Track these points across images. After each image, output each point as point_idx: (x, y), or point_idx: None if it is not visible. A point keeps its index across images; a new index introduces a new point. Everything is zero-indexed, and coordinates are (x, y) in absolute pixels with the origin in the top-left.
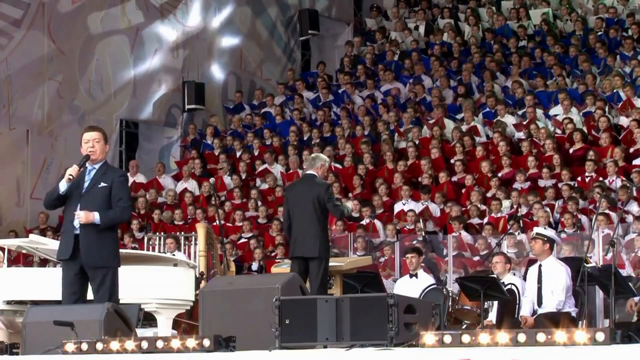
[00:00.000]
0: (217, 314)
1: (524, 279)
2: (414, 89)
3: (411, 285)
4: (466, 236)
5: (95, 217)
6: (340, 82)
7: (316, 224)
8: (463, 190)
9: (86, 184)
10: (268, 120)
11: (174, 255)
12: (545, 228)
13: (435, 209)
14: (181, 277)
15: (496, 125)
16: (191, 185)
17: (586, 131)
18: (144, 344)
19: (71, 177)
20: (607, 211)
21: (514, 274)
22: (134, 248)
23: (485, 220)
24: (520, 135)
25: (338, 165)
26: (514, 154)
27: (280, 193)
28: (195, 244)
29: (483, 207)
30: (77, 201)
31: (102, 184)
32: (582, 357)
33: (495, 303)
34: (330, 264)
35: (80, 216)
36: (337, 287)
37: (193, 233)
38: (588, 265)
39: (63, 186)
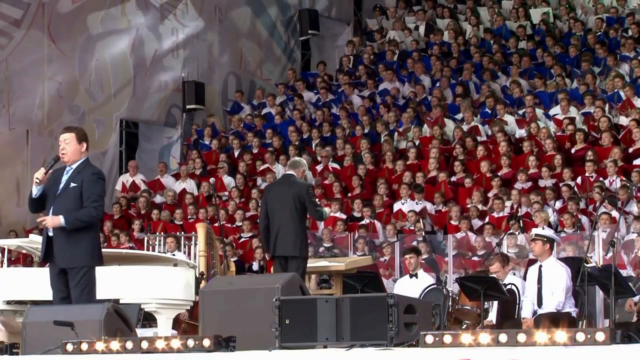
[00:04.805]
0: (217, 314)
1: (524, 279)
2: (414, 89)
3: (411, 285)
4: (472, 236)
5: (61, 220)
6: (340, 82)
7: (297, 222)
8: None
9: (61, 186)
10: (268, 120)
11: (174, 255)
12: (543, 228)
13: (431, 209)
14: (181, 277)
15: (494, 124)
16: (189, 185)
17: (587, 131)
18: (144, 344)
19: (37, 180)
20: (608, 211)
21: (514, 274)
22: (132, 248)
23: (486, 220)
24: (522, 132)
25: (337, 166)
26: (514, 154)
27: None
28: (195, 244)
29: (483, 207)
30: (51, 203)
31: (72, 185)
32: (582, 357)
33: (495, 303)
34: (330, 263)
35: (46, 221)
36: (337, 287)
37: (193, 233)
38: (588, 265)
39: (34, 190)
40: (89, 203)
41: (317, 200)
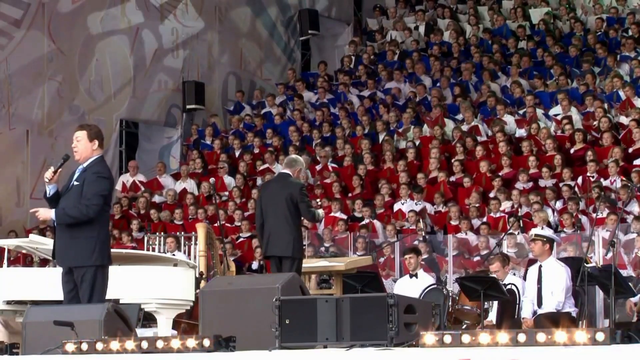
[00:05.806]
0: (217, 314)
1: (524, 279)
2: (414, 89)
3: (411, 285)
4: (472, 236)
5: (51, 214)
6: (340, 82)
7: (290, 222)
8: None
9: (70, 184)
10: (268, 120)
11: (174, 255)
12: (542, 228)
13: (430, 209)
14: (181, 277)
15: (494, 124)
16: (190, 185)
17: (586, 131)
18: (144, 344)
19: (47, 179)
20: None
21: (514, 274)
22: (133, 248)
23: (484, 220)
24: (522, 132)
25: (336, 166)
26: (514, 154)
27: None
28: (195, 244)
29: (482, 207)
30: (61, 201)
31: (76, 183)
32: (582, 357)
33: (495, 303)
34: (330, 263)
35: (39, 213)
36: (337, 287)
37: (193, 233)
38: (588, 265)
39: (47, 189)
40: (83, 201)
41: (318, 200)
